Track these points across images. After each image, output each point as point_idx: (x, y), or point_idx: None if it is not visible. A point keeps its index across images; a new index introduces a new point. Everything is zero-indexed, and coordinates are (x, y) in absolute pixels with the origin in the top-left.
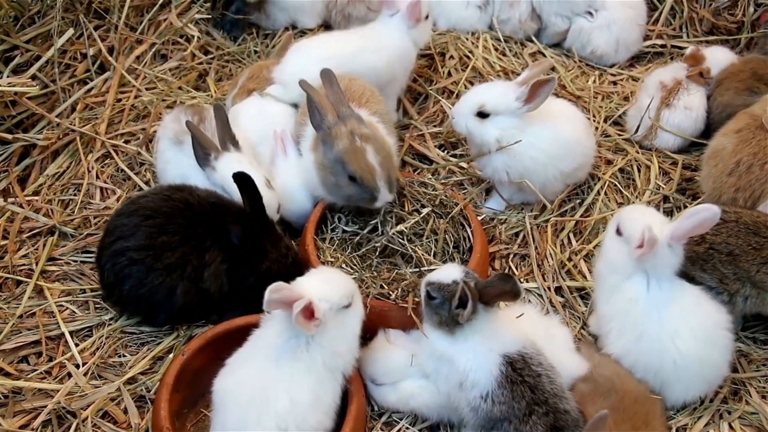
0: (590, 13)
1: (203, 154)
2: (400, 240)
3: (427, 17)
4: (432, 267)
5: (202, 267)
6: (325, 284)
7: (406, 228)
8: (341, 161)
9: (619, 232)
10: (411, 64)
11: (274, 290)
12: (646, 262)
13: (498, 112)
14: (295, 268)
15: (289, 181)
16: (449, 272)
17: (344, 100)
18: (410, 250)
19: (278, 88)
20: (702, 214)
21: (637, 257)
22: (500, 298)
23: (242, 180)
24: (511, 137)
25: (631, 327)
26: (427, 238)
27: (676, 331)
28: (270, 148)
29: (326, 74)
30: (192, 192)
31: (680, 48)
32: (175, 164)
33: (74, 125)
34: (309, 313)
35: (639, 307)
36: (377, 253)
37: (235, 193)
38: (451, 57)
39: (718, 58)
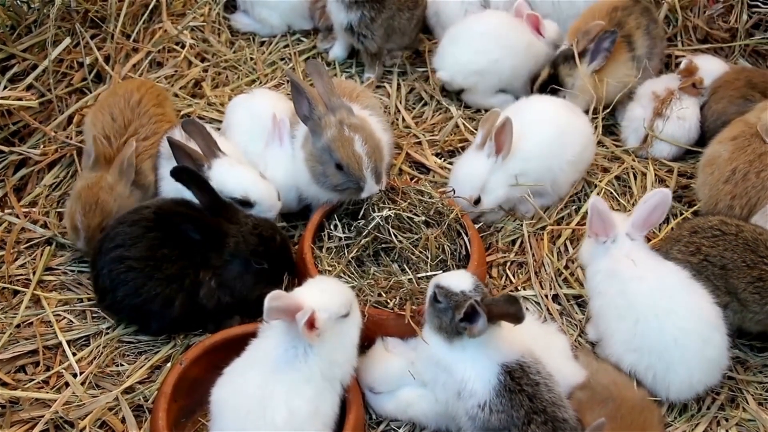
0: None
1: (196, 168)
2: (389, 230)
3: None
4: (430, 274)
5: (198, 283)
6: (324, 294)
7: (392, 214)
8: (329, 149)
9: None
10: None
11: (274, 298)
12: (610, 253)
13: (486, 188)
14: (258, 231)
15: (277, 173)
16: (459, 281)
17: (334, 91)
18: (396, 240)
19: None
20: (653, 199)
21: (590, 234)
22: (502, 318)
23: (180, 173)
24: (509, 179)
25: (627, 314)
26: (422, 248)
27: (671, 308)
28: (267, 132)
29: (314, 66)
30: (192, 207)
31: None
32: (168, 179)
33: (71, 137)
34: (309, 323)
35: (628, 295)
36: (370, 248)
37: (233, 192)
38: None
39: (710, 67)
